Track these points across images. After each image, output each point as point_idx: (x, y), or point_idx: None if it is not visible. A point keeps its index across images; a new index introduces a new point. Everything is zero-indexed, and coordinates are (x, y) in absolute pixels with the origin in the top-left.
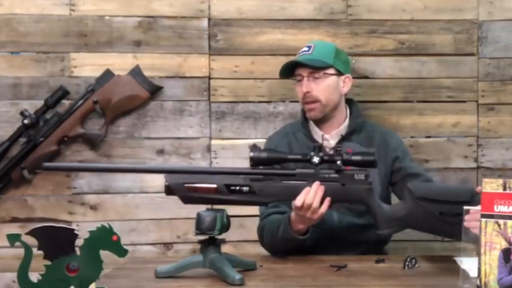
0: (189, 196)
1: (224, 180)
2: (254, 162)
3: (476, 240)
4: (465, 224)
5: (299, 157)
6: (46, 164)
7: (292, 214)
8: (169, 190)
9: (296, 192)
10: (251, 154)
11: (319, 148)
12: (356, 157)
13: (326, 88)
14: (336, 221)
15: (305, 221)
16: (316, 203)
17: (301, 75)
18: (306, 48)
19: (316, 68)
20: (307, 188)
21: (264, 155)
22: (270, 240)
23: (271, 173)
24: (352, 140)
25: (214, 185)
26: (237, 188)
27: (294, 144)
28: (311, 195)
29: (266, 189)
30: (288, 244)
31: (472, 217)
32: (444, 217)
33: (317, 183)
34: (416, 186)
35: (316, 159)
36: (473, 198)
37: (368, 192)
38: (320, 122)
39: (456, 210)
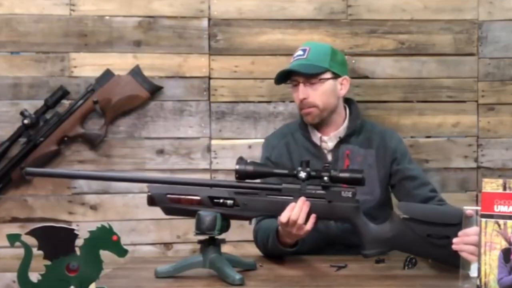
0: (171, 208)
1: (208, 192)
2: (240, 175)
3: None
4: (453, 247)
5: (285, 171)
6: (29, 169)
7: (279, 227)
8: (152, 201)
9: (281, 207)
10: (237, 167)
11: (307, 163)
12: (344, 174)
13: (323, 93)
14: (334, 225)
15: (292, 236)
16: (301, 220)
17: (296, 81)
18: (300, 52)
19: (312, 74)
20: (292, 204)
21: (250, 168)
22: (262, 247)
23: (256, 187)
24: (350, 142)
25: (198, 197)
26: (221, 201)
27: (292, 145)
28: (296, 212)
29: (250, 203)
30: (279, 253)
31: (460, 239)
32: (432, 240)
33: (302, 199)
34: (404, 206)
35: (302, 175)
36: (461, 220)
37: (355, 210)
38: (319, 124)
39: (444, 232)
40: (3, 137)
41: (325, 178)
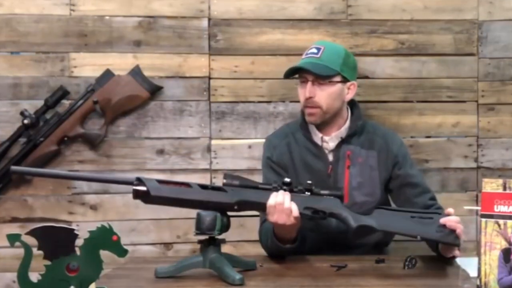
0: (161, 194)
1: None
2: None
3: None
4: (442, 221)
5: (270, 186)
6: (14, 167)
7: (273, 226)
8: (138, 193)
9: (266, 196)
10: (224, 181)
11: (288, 184)
12: (324, 192)
13: (329, 95)
14: (334, 226)
15: (286, 229)
16: (287, 203)
17: (305, 78)
18: (315, 50)
19: (323, 76)
20: (274, 192)
21: (236, 183)
22: (265, 248)
23: (245, 185)
24: (352, 142)
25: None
26: (209, 186)
27: (293, 145)
28: (280, 196)
29: (237, 189)
30: (281, 253)
31: (445, 219)
32: (417, 218)
33: (281, 191)
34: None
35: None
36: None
37: (337, 204)
38: (320, 124)
39: (426, 215)
40: (3, 137)
41: (306, 192)
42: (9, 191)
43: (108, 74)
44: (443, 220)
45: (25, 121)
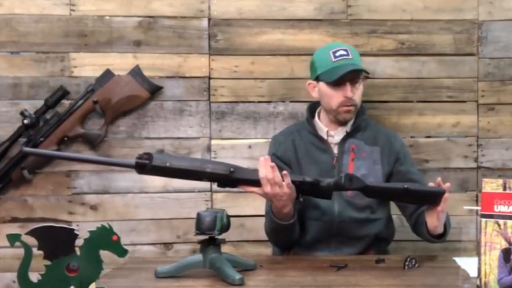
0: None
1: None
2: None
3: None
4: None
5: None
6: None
7: (271, 205)
8: (140, 166)
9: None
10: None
11: None
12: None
13: (361, 92)
14: (336, 215)
15: (280, 200)
16: (277, 178)
17: (343, 79)
18: (344, 52)
19: (364, 75)
20: (260, 159)
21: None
22: (269, 232)
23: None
24: (356, 137)
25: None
26: None
27: (298, 142)
28: (268, 169)
29: (238, 169)
30: (280, 234)
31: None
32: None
33: (266, 157)
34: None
35: None
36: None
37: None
38: (328, 119)
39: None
40: (3, 137)
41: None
42: (9, 191)
43: (108, 74)
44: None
45: (25, 121)
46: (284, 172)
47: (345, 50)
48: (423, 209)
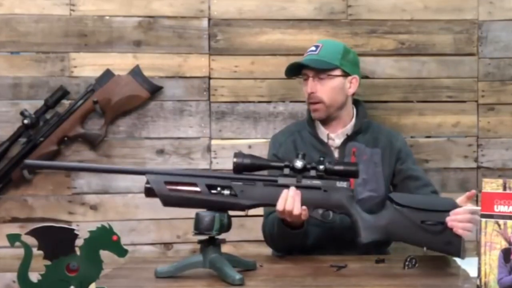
0: (169, 196)
1: (206, 181)
2: (238, 168)
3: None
4: (448, 224)
5: (281, 164)
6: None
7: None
8: (149, 191)
9: (277, 196)
10: (235, 159)
11: (303, 155)
12: (339, 167)
13: (331, 89)
14: (338, 221)
15: (292, 220)
16: (296, 210)
17: (306, 75)
18: (313, 48)
19: (321, 70)
20: (285, 191)
21: (247, 161)
22: (271, 239)
23: (252, 179)
24: (357, 140)
25: (196, 186)
26: (218, 189)
27: (299, 143)
28: (290, 202)
29: (247, 190)
30: (286, 241)
31: (453, 217)
32: (426, 226)
33: (292, 188)
34: (398, 195)
35: (298, 164)
36: (455, 208)
37: (349, 200)
38: (326, 121)
39: (437, 218)
40: (3, 137)
41: (321, 168)
42: (9, 191)
43: (108, 74)
44: (450, 223)
45: (25, 121)
46: (304, 213)
47: (316, 47)
48: None
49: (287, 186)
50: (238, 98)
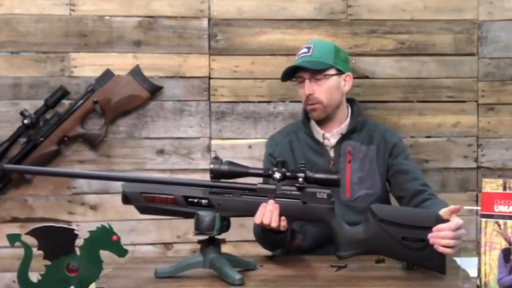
0: (145, 206)
1: (183, 192)
2: (215, 174)
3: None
4: (430, 241)
5: (260, 171)
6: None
7: None
8: (126, 199)
9: (255, 207)
10: (211, 166)
11: (282, 163)
12: (319, 175)
13: (328, 89)
14: None
15: (272, 229)
16: (274, 223)
17: (302, 77)
18: (305, 50)
19: (317, 70)
20: (263, 205)
21: (224, 168)
22: (260, 241)
23: (231, 187)
24: (352, 138)
25: (172, 196)
26: (196, 200)
27: (295, 143)
28: (267, 216)
29: (225, 203)
30: (272, 244)
31: (434, 234)
32: (407, 243)
33: (270, 202)
34: (379, 208)
35: (277, 175)
36: (438, 223)
37: (329, 212)
38: (322, 121)
39: (419, 235)
40: (3, 137)
41: (300, 179)
42: (9, 191)
43: (108, 74)
44: (432, 240)
45: (25, 121)
46: (283, 224)
47: (308, 48)
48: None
49: (265, 196)
50: (238, 98)
